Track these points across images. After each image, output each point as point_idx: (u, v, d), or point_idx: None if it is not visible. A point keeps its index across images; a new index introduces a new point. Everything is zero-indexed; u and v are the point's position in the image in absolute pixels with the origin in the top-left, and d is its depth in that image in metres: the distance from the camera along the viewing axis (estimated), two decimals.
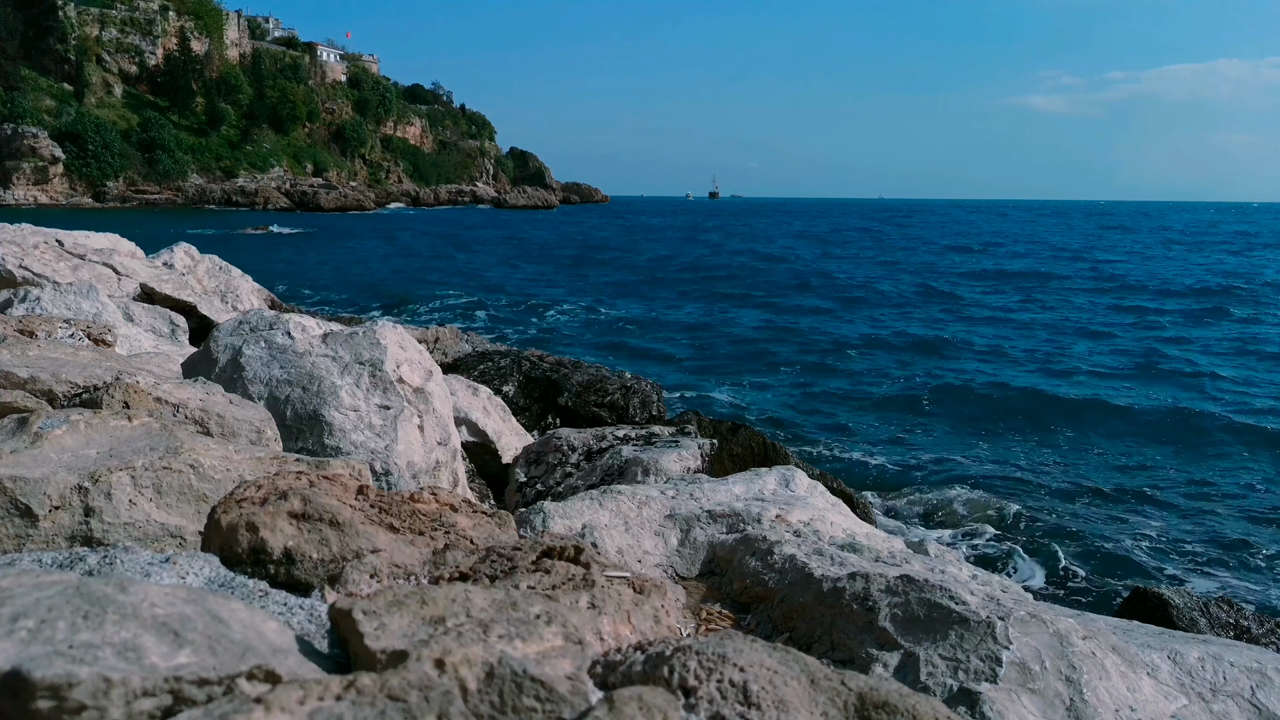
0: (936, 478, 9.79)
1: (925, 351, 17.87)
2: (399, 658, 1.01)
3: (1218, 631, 4.35)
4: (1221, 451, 11.00)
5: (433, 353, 6.71)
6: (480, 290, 26.18)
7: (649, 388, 7.60)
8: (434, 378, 3.67)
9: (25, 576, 1.05)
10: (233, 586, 1.38)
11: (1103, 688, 1.91)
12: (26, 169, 72.37)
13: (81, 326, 3.63)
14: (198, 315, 6.51)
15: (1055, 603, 5.28)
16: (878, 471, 10.03)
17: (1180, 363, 17.00)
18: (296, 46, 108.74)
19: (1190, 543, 8.14)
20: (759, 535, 2.60)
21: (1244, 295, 28.12)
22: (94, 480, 1.77)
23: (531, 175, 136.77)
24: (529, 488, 4.61)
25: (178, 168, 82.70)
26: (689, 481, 3.36)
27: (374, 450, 3.19)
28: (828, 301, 25.81)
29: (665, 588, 1.51)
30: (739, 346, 18.29)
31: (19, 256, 5.90)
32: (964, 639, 1.95)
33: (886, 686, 1.12)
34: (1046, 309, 24.56)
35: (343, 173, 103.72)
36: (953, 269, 37.49)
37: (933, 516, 8.62)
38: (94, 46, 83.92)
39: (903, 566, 2.39)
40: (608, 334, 19.55)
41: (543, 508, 2.78)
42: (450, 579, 1.46)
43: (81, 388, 2.57)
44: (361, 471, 2.05)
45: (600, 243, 52.16)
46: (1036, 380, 15.16)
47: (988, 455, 10.69)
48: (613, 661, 1.14)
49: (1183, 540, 8.19)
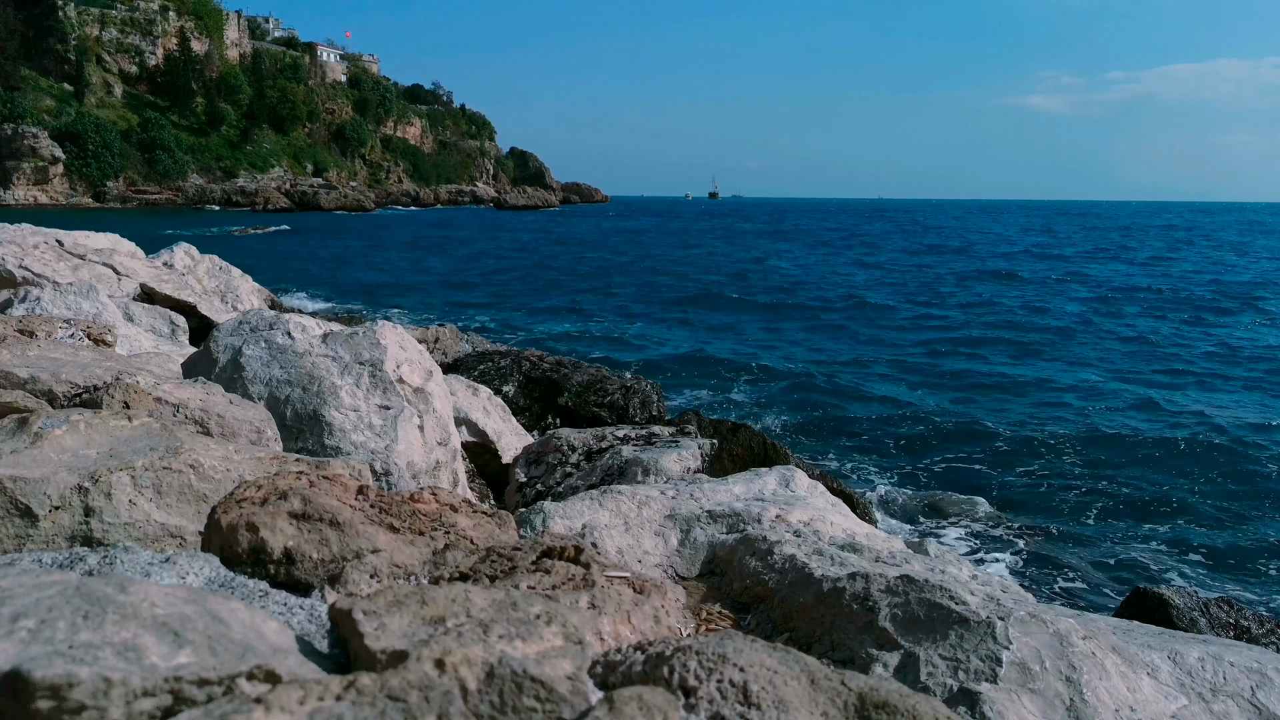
0: (936, 478, 9.80)
1: (925, 350, 17.88)
2: (399, 658, 1.01)
3: (1218, 631, 4.35)
4: (1222, 451, 11.00)
5: (433, 353, 6.71)
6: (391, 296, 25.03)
7: (649, 388, 7.61)
8: (434, 378, 3.67)
9: (25, 576, 1.05)
10: (233, 586, 1.38)
11: (1103, 688, 1.91)
12: (26, 169, 72.37)
13: (81, 326, 3.63)
14: (198, 315, 6.51)
15: (1055, 603, 5.29)
16: (878, 472, 10.03)
17: (1181, 361, 17.02)
18: (296, 46, 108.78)
19: (1191, 543, 8.14)
20: (759, 535, 2.60)
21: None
22: (94, 480, 1.77)
23: (532, 175, 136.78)
24: (529, 488, 4.61)
25: (178, 168, 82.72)
26: (689, 482, 3.36)
27: (374, 450, 3.19)
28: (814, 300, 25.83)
29: (665, 588, 1.51)
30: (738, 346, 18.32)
31: (19, 256, 5.90)
32: (964, 639, 1.95)
33: (886, 686, 1.12)
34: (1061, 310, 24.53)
35: (343, 173, 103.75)
36: (950, 269, 37.57)
37: (932, 517, 8.62)
38: (94, 46, 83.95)
39: (903, 566, 2.39)
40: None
41: (543, 508, 2.78)
42: (450, 579, 1.46)
43: (81, 388, 2.57)
44: (362, 472, 2.05)
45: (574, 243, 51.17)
46: (1036, 381, 15.17)
47: (988, 455, 10.69)
48: (613, 661, 1.14)
49: (1183, 540, 8.19)
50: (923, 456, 10.53)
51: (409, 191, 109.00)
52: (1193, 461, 10.55)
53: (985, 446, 11.07)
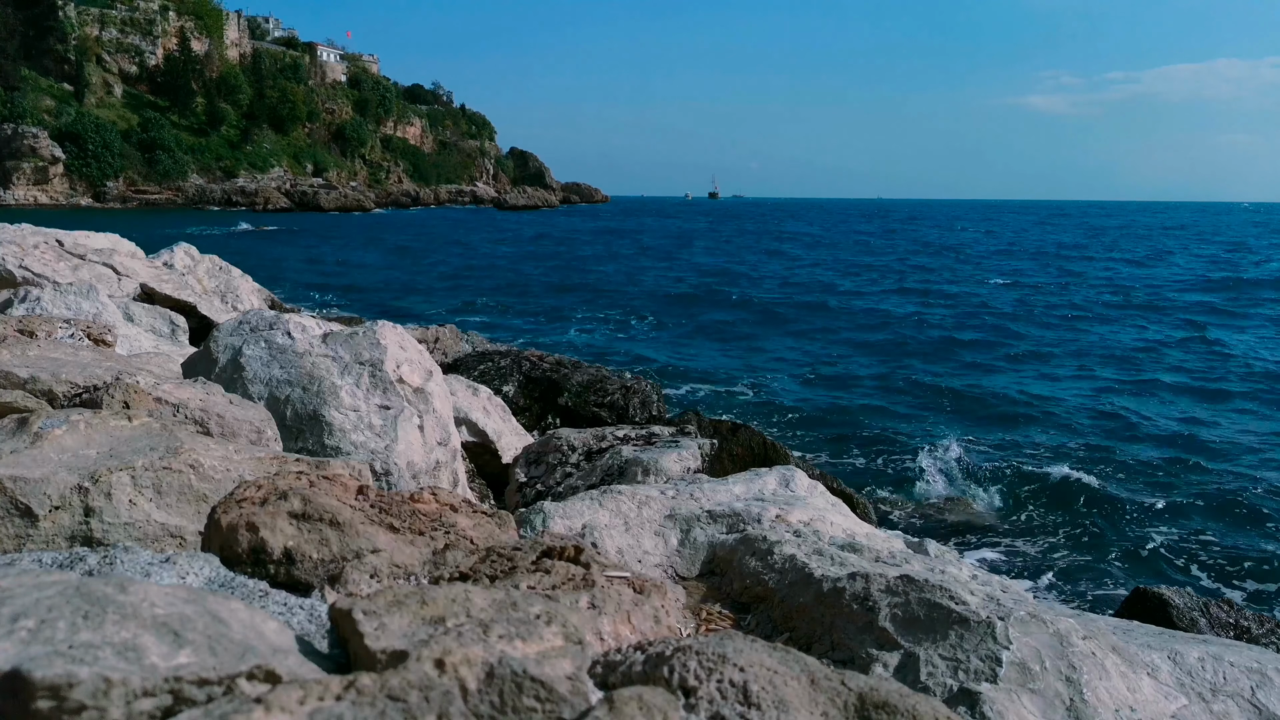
0: (937, 477, 9.79)
1: (925, 352, 17.88)
2: (399, 658, 1.01)
3: (1218, 631, 4.35)
4: (1223, 453, 11.00)
5: (433, 353, 6.71)
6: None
7: (649, 388, 7.61)
8: (434, 378, 3.67)
9: (25, 576, 1.05)
10: (233, 586, 1.38)
11: (1103, 688, 1.91)
12: (26, 169, 72.34)
13: (81, 326, 3.63)
14: (198, 315, 6.51)
15: (1055, 603, 5.30)
16: (878, 472, 10.03)
17: (1180, 359, 17.02)
18: (296, 46, 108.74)
19: (1192, 543, 8.14)
20: (759, 535, 2.60)
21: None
22: (94, 480, 1.77)
23: (532, 175, 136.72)
24: (529, 488, 4.61)
25: (178, 168, 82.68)
26: (689, 481, 3.36)
27: (374, 450, 3.19)
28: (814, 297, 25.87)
29: (665, 588, 1.51)
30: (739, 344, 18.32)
31: (19, 256, 5.90)
32: (964, 639, 1.95)
33: (886, 686, 1.12)
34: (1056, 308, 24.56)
35: (343, 173, 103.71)
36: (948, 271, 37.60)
37: (932, 516, 8.62)
38: (94, 46, 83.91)
39: (903, 566, 2.39)
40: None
41: (543, 508, 2.78)
42: (450, 579, 1.46)
43: (81, 388, 2.57)
44: (362, 472, 2.05)
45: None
46: (1037, 380, 15.17)
47: (988, 455, 10.69)
48: (613, 661, 1.14)
49: (1184, 540, 8.19)
50: (923, 456, 10.53)
51: (409, 192, 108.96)
52: (1193, 461, 10.55)
53: (986, 447, 11.08)
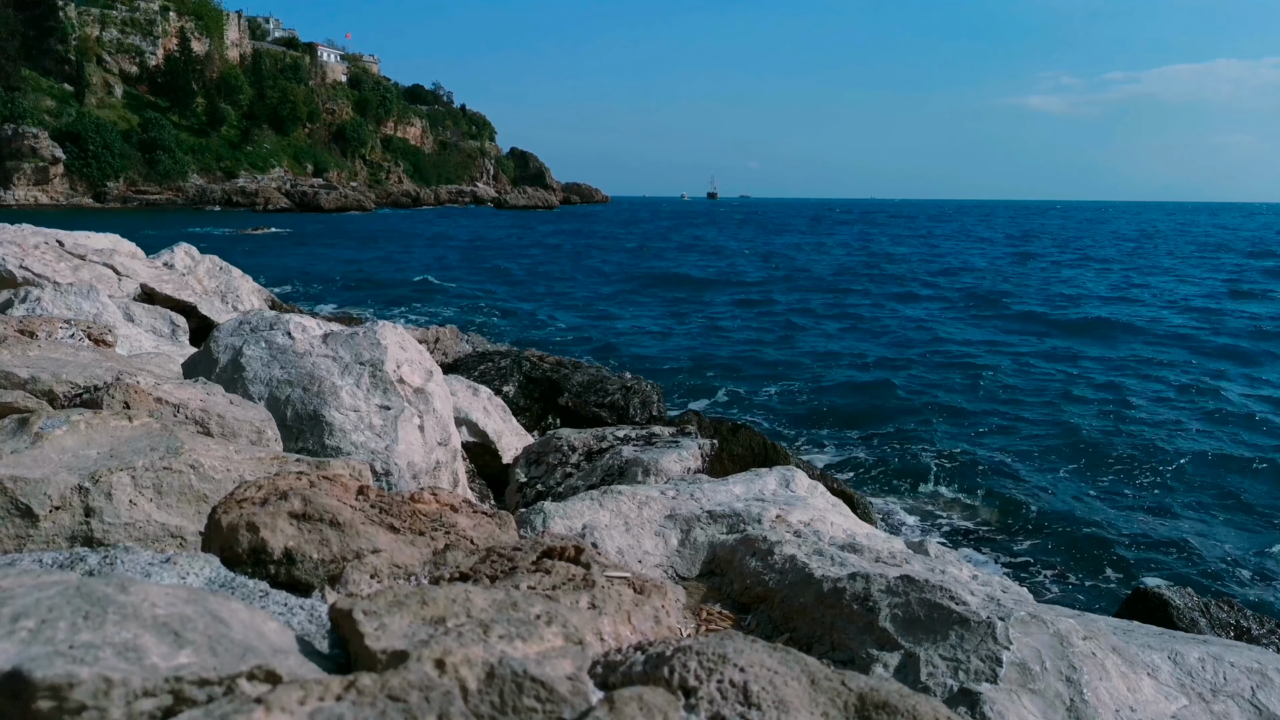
0: (938, 478, 9.79)
1: (924, 352, 17.88)
2: (399, 658, 1.01)
3: (1218, 632, 4.35)
4: (1223, 452, 11.00)
5: (433, 353, 6.71)
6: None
7: (649, 388, 7.61)
8: (434, 378, 3.67)
9: (26, 576, 1.05)
10: (233, 587, 1.38)
11: (1103, 688, 1.91)
12: (27, 169, 72.33)
13: (82, 327, 3.63)
14: (198, 316, 6.51)
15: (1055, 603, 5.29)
16: (878, 472, 10.03)
17: (1180, 358, 17.02)
18: (297, 47, 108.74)
19: (1192, 543, 8.14)
20: (759, 535, 2.60)
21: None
22: (94, 480, 1.77)
23: (532, 175, 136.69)
24: (529, 488, 4.61)
25: (178, 168, 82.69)
26: (689, 482, 3.36)
27: (374, 450, 3.19)
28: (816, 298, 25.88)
29: (665, 588, 1.51)
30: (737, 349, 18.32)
31: (19, 257, 5.90)
32: (964, 639, 1.95)
33: (887, 687, 1.12)
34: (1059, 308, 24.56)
35: (343, 173, 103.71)
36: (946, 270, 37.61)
37: (933, 516, 8.62)
38: (94, 47, 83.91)
39: (903, 567, 2.39)
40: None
41: (543, 508, 2.77)
42: (451, 579, 1.46)
43: (82, 388, 2.57)
44: (362, 472, 2.05)
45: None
46: (1036, 381, 15.16)
47: (988, 455, 10.69)
48: (613, 662, 1.14)
49: (1185, 541, 8.19)
50: (924, 457, 10.53)
51: (409, 192, 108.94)
52: (1193, 462, 10.55)
53: (986, 447, 11.07)
